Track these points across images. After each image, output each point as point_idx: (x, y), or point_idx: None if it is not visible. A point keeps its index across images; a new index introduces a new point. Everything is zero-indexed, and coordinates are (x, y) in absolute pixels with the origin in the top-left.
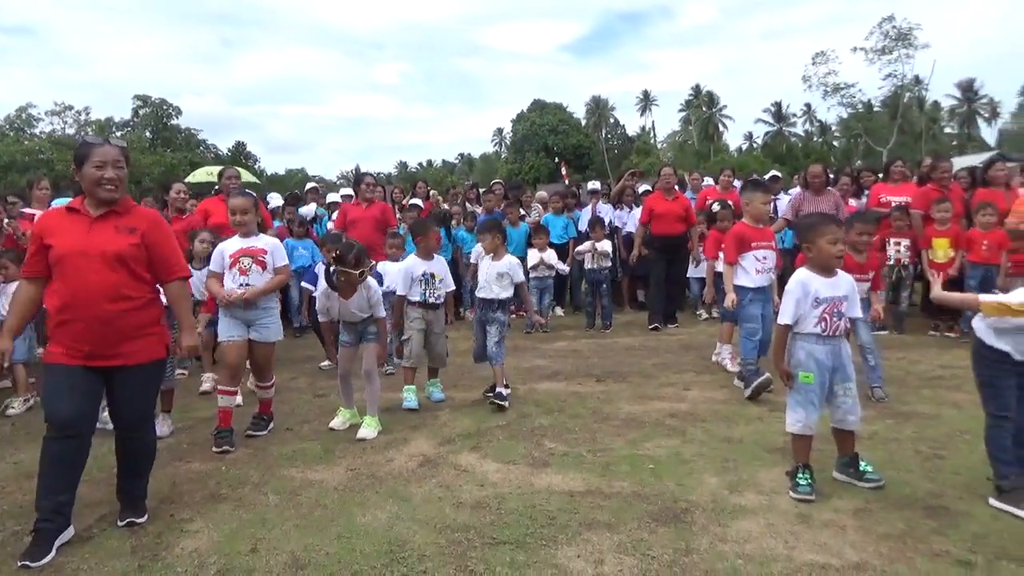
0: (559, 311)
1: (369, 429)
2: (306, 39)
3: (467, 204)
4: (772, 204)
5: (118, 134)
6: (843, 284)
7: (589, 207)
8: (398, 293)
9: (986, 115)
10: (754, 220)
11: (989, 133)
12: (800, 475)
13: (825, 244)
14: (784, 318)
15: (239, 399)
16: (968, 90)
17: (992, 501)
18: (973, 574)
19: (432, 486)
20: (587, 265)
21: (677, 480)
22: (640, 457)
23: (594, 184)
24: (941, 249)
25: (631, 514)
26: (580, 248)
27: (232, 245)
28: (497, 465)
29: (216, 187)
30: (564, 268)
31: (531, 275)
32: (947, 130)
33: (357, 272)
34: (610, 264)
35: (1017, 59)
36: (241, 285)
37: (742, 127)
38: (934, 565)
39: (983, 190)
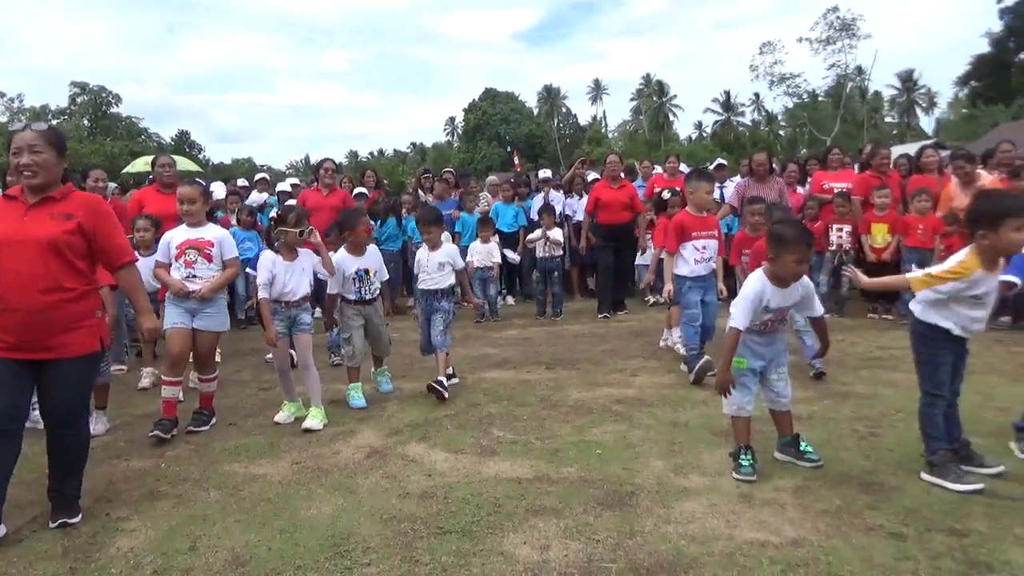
0: (510, 300)
1: (315, 420)
2: (254, 25)
3: (420, 192)
4: (719, 191)
5: (54, 122)
6: (796, 292)
7: (540, 195)
8: (330, 291)
9: (924, 105)
10: (697, 209)
11: (927, 122)
12: (742, 456)
13: (791, 261)
14: (737, 323)
15: (180, 393)
16: (907, 80)
17: (923, 475)
18: (905, 546)
19: (379, 477)
20: (538, 253)
21: (623, 464)
22: (587, 443)
23: (545, 172)
24: (880, 234)
25: (578, 499)
26: (531, 237)
27: (179, 235)
28: (445, 455)
29: (150, 175)
30: (515, 257)
31: (475, 266)
32: (888, 119)
33: (296, 231)
34: (561, 252)
35: (953, 51)
36: (187, 277)
37: (692, 116)
38: (868, 539)
39: (918, 176)
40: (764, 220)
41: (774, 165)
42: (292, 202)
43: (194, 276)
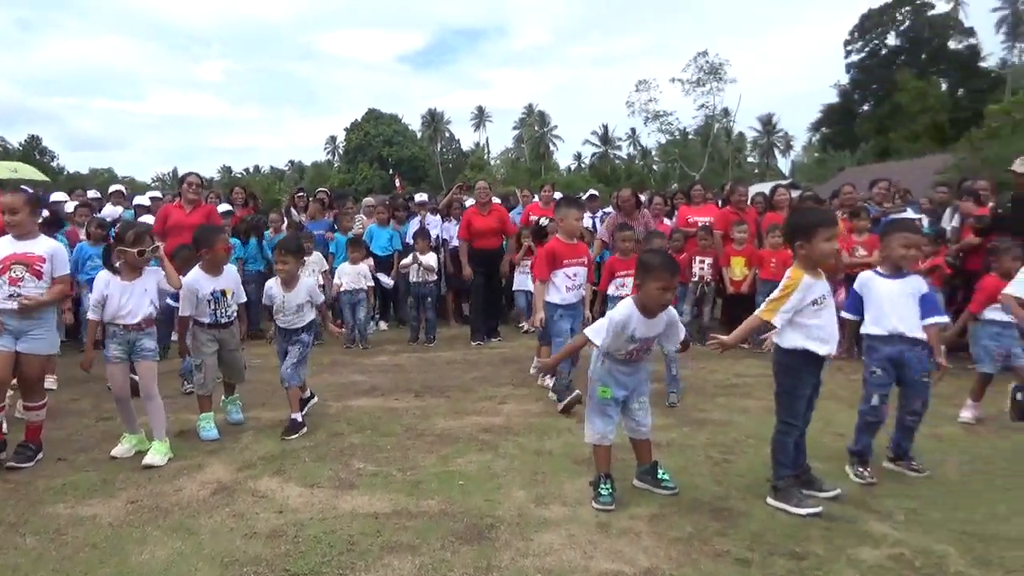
0: (383, 325)
1: (156, 455)
2: (122, 27)
3: (293, 211)
4: (593, 221)
5: None
6: (661, 322)
7: (417, 219)
8: (181, 314)
9: (781, 147)
10: (567, 236)
11: (785, 164)
12: (602, 485)
13: (656, 289)
14: (596, 339)
15: (3, 423)
16: (767, 124)
17: (769, 500)
18: (750, 571)
19: (224, 516)
20: (411, 278)
21: (485, 495)
22: (451, 474)
23: (421, 196)
24: (738, 267)
25: (436, 534)
26: (404, 262)
27: (3, 248)
28: (300, 489)
29: None
30: (388, 281)
31: (343, 289)
32: (750, 159)
33: (135, 251)
34: (435, 278)
35: (808, 98)
36: (10, 296)
37: (572, 147)
38: (716, 565)
39: (772, 214)
40: (634, 246)
41: (642, 198)
42: (149, 218)
43: (18, 295)
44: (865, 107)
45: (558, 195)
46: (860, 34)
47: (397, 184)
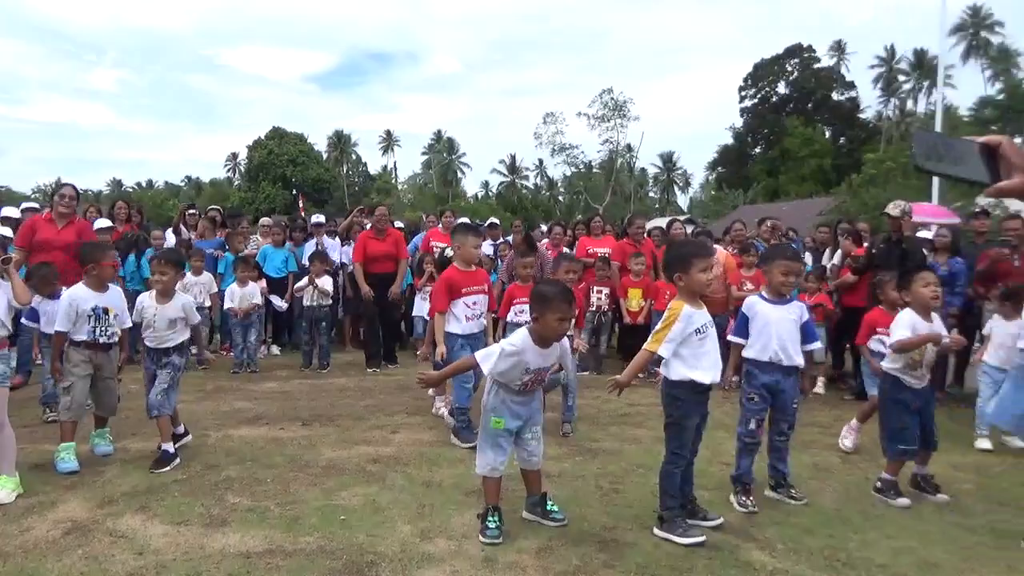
0: (275, 350)
1: (4, 491)
2: (3, 28)
3: (183, 228)
4: (492, 247)
5: None
6: (555, 353)
7: (314, 241)
8: (57, 329)
9: (681, 184)
10: (465, 263)
11: (684, 200)
12: (489, 518)
13: (553, 320)
14: (486, 365)
15: None
16: (668, 161)
17: (655, 531)
18: None
19: (76, 559)
20: (305, 302)
21: (368, 530)
22: (333, 508)
23: (318, 217)
24: (635, 298)
25: (311, 573)
26: (299, 284)
27: None
28: (165, 527)
29: None
30: (281, 304)
31: (233, 310)
32: (652, 194)
33: None
34: (330, 302)
35: (706, 139)
36: None
37: (480, 175)
38: None
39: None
40: (533, 273)
41: (540, 233)
42: (8, 230)
43: None
44: (757, 150)
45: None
46: (753, 81)
47: (300, 204)
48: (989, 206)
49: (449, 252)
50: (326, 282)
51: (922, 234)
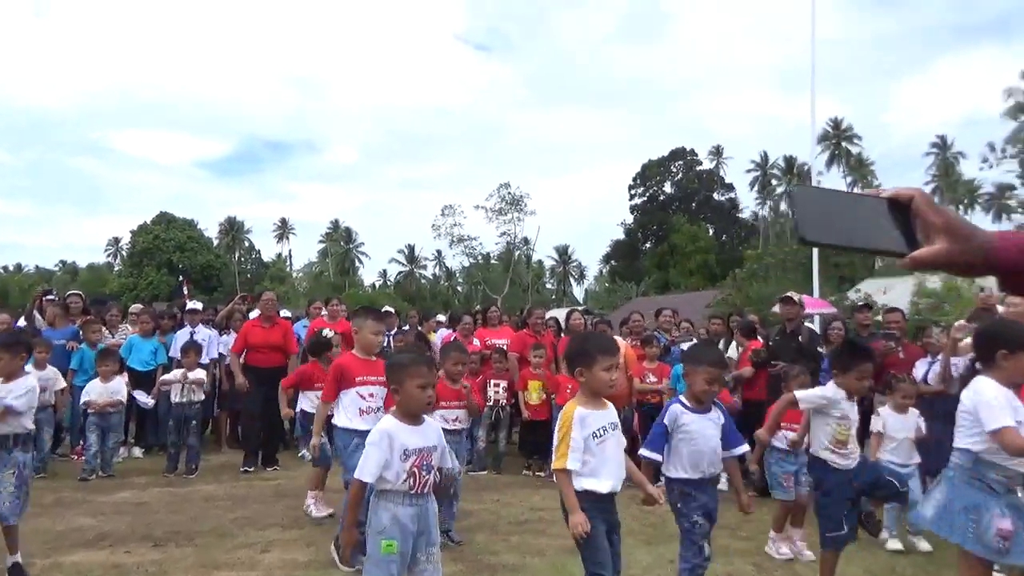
0: (137, 452)
1: None
2: None
3: (36, 315)
4: (387, 337)
5: None
6: (431, 430)
7: (186, 330)
8: None
9: (576, 276)
10: (364, 351)
11: (579, 291)
12: None
13: (415, 388)
14: (364, 474)
15: None
16: (564, 254)
17: None
18: None
19: None
20: (175, 398)
21: None
22: None
23: (194, 304)
24: (535, 391)
25: None
26: (167, 377)
27: None
28: None
29: None
30: (147, 401)
31: (91, 411)
32: (548, 285)
33: None
34: (203, 397)
35: (600, 233)
36: None
37: (378, 264)
38: None
39: (568, 338)
40: None
41: (439, 319)
42: None
43: None
44: (647, 244)
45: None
46: (641, 180)
47: (185, 291)
48: (868, 296)
49: (328, 333)
50: (199, 374)
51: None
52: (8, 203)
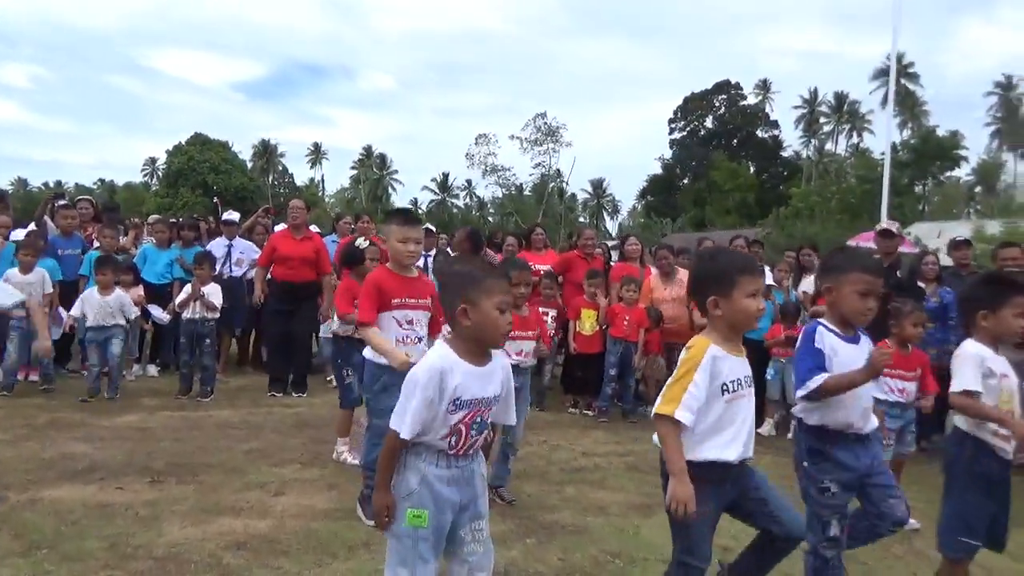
0: (152, 370)
1: None
2: None
3: (48, 221)
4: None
5: None
6: (497, 374)
7: (220, 241)
8: None
9: (610, 211)
10: (397, 264)
11: (613, 227)
12: None
13: (492, 309)
14: (404, 428)
15: None
16: (598, 188)
17: None
18: None
19: None
20: (186, 314)
21: None
22: None
23: (231, 214)
24: (589, 321)
25: None
26: (181, 298)
27: None
28: None
29: None
30: (162, 317)
31: (88, 323)
32: (581, 219)
33: None
34: (218, 315)
35: (636, 168)
36: None
37: (411, 192)
38: None
39: (622, 264)
40: None
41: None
42: None
43: None
44: (685, 181)
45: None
46: (683, 114)
47: (219, 210)
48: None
49: (362, 243)
50: (213, 290)
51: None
52: (47, 119)
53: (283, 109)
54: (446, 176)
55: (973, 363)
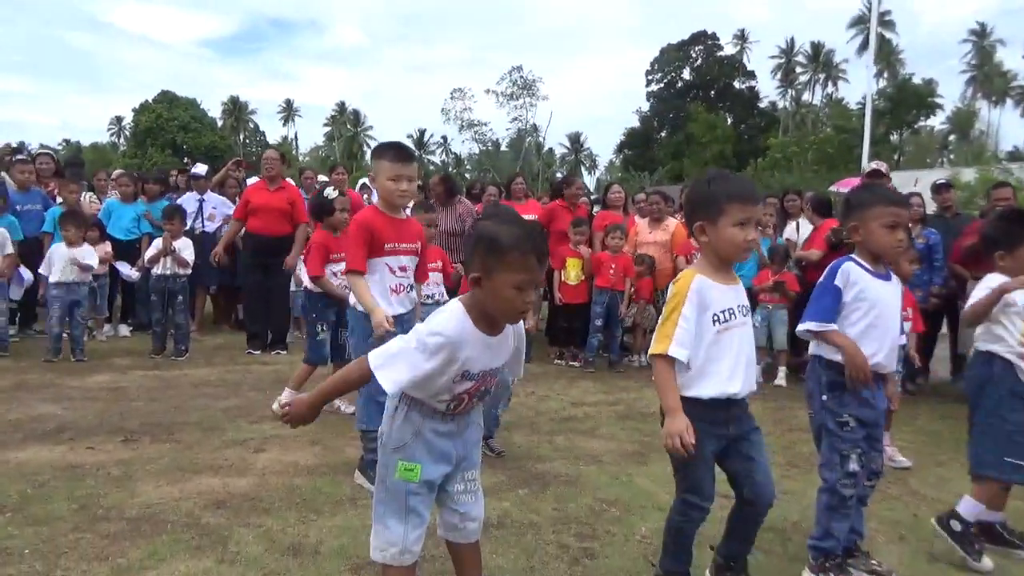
0: (123, 330)
1: None
2: None
3: (5, 176)
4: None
5: None
6: (507, 343)
7: (191, 195)
8: None
9: (588, 165)
10: (387, 204)
11: (591, 181)
12: None
13: (508, 288)
14: (386, 379)
15: None
16: (575, 142)
17: None
18: None
19: None
20: (157, 270)
21: None
22: None
23: (199, 167)
24: (574, 270)
25: None
26: (150, 254)
27: None
28: None
29: None
30: (130, 274)
31: (53, 280)
32: (558, 175)
33: None
34: (190, 270)
35: (614, 122)
36: None
37: None
38: None
39: (606, 212)
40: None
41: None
42: None
43: None
44: (663, 134)
45: (365, 181)
46: (659, 66)
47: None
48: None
49: (330, 192)
50: (185, 245)
51: None
52: (6, 79)
53: (252, 65)
54: (422, 132)
55: (985, 288)
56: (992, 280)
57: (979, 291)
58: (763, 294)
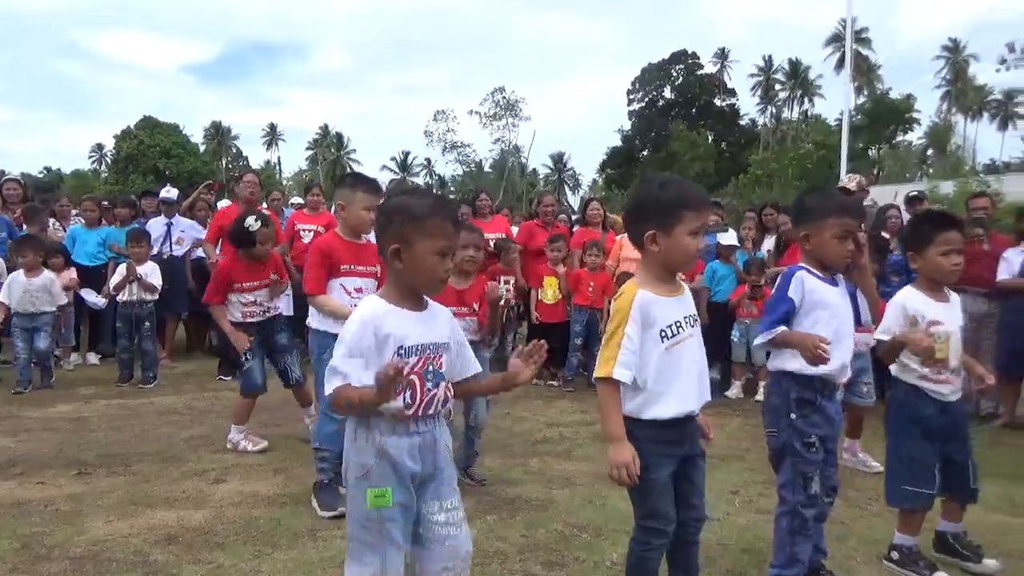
0: (92, 358)
1: None
2: None
3: None
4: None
5: None
6: (441, 319)
7: (160, 220)
8: None
9: (571, 185)
10: (352, 231)
11: (575, 201)
12: None
13: (428, 254)
14: (331, 381)
15: None
16: (559, 162)
17: None
18: None
19: None
20: (122, 297)
21: None
22: None
23: (169, 192)
24: (551, 289)
25: None
26: (115, 281)
27: None
28: None
29: None
30: (97, 302)
31: (13, 308)
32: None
33: None
34: (157, 296)
35: (596, 141)
36: None
37: (369, 172)
38: None
39: (584, 229)
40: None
41: None
42: None
43: None
44: (645, 152)
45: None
46: (640, 85)
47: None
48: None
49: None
50: (151, 271)
51: None
52: None
53: (236, 91)
54: (406, 155)
55: (893, 311)
56: (899, 297)
57: (889, 313)
58: (741, 308)
